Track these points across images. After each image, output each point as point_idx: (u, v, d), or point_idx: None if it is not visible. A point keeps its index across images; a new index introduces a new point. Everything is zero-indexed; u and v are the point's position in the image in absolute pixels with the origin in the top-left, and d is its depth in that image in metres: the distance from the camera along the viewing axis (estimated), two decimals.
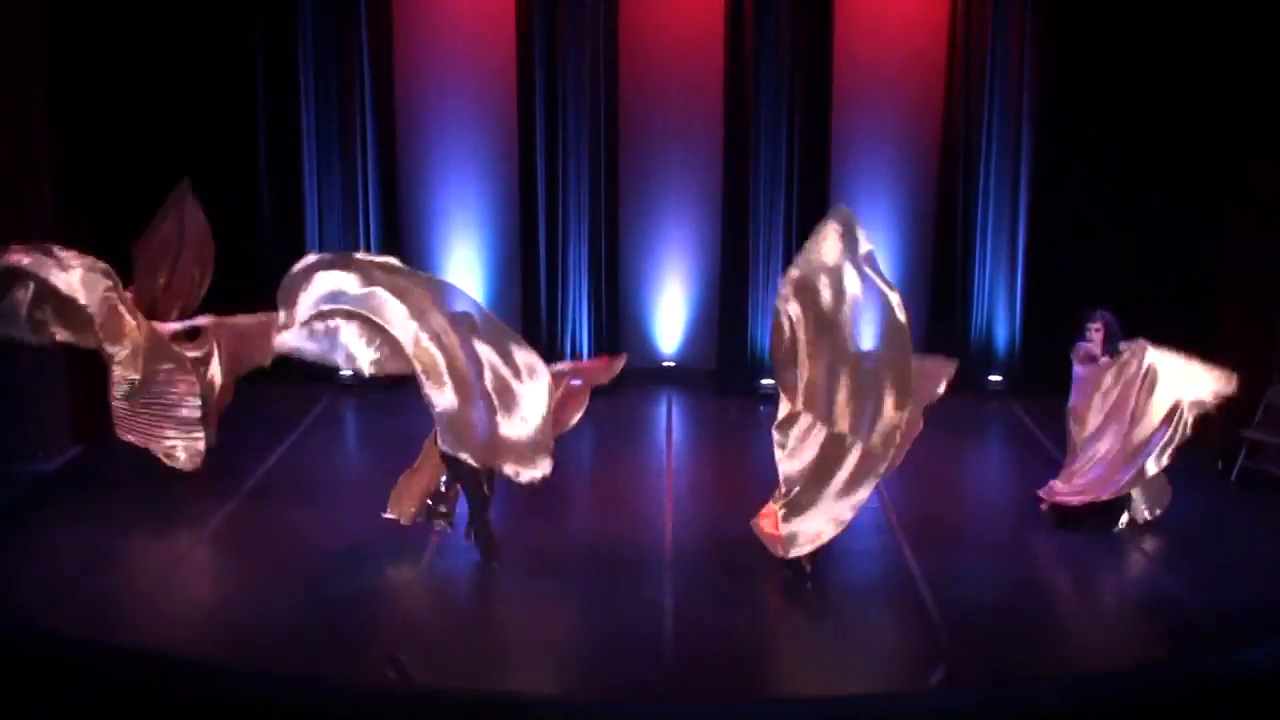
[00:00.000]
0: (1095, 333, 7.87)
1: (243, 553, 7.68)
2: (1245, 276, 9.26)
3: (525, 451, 6.88)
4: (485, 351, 6.86)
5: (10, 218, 8.83)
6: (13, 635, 6.36)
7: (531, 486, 6.97)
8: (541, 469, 6.91)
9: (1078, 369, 7.91)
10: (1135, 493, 7.87)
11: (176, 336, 8.48)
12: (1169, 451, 7.69)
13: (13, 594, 6.89)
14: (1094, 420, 7.82)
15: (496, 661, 6.53)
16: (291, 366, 9.77)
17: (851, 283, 6.66)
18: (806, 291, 6.64)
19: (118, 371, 8.21)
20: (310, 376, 10.14)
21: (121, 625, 6.50)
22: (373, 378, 9.41)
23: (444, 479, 7.35)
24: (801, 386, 6.68)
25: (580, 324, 11.13)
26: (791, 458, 6.82)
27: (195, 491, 8.41)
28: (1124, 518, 7.89)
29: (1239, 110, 9.30)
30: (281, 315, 6.92)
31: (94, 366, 8.50)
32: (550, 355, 11.09)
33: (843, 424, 6.61)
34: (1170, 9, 9.96)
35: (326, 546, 7.66)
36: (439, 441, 6.97)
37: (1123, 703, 6.05)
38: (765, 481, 7.42)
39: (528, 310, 11.19)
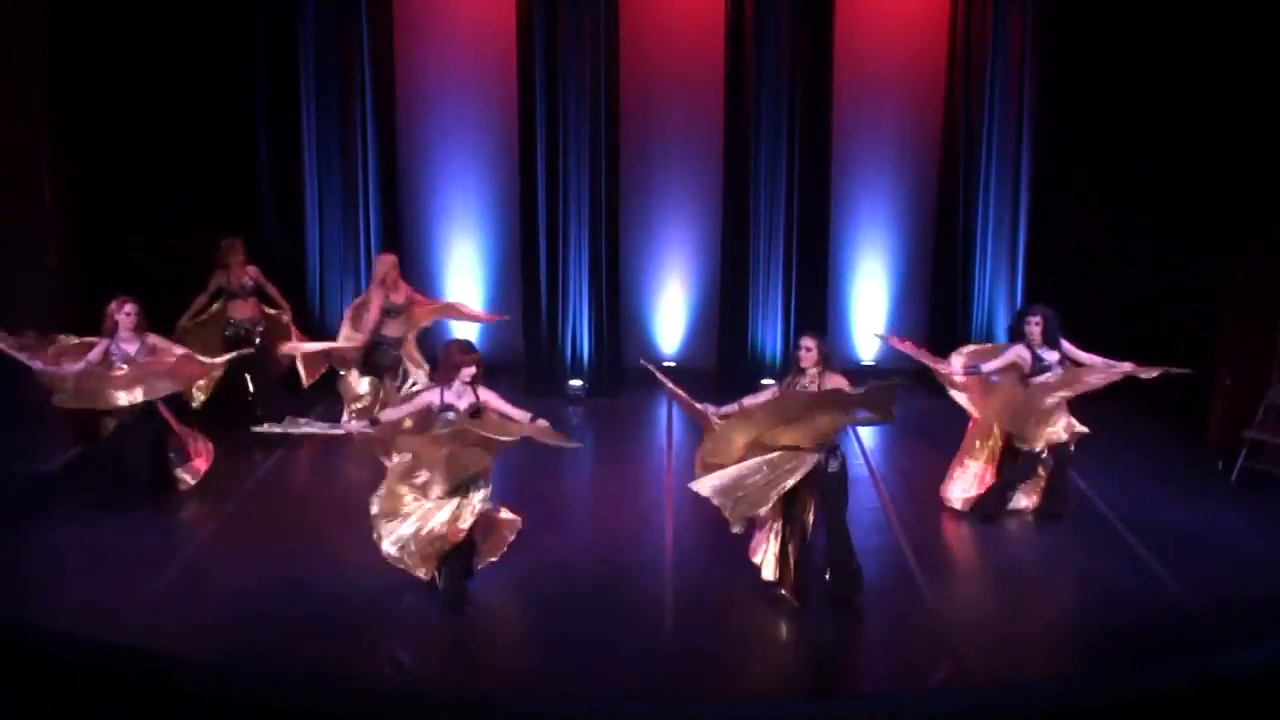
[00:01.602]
0: (1035, 326, 8.06)
1: (243, 553, 7.68)
2: (1245, 276, 9.26)
3: None
4: None
5: (10, 217, 8.84)
6: (13, 635, 6.36)
7: None
8: None
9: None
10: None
11: None
12: None
13: (12, 594, 6.89)
14: None
15: (496, 661, 6.53)
16: (290, 368, 9.86)
17: None
18: None
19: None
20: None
21: (121, 625, 6.49)
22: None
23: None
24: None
25: (580, 324, 11.13)
26: None
27: (195, 491, 8.42)
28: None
29: (1238, 110, 9.29)
30: None
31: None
32: (551, 355, 11.15)
33: None
34: (1169, 10, 9.96)
35: (327, 546, 7.66)
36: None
37: (1123, 702, 6.05)
38: None
39: (528, 310, 11.19)
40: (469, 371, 6.82)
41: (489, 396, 6.90)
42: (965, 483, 8.36)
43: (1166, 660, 6.44)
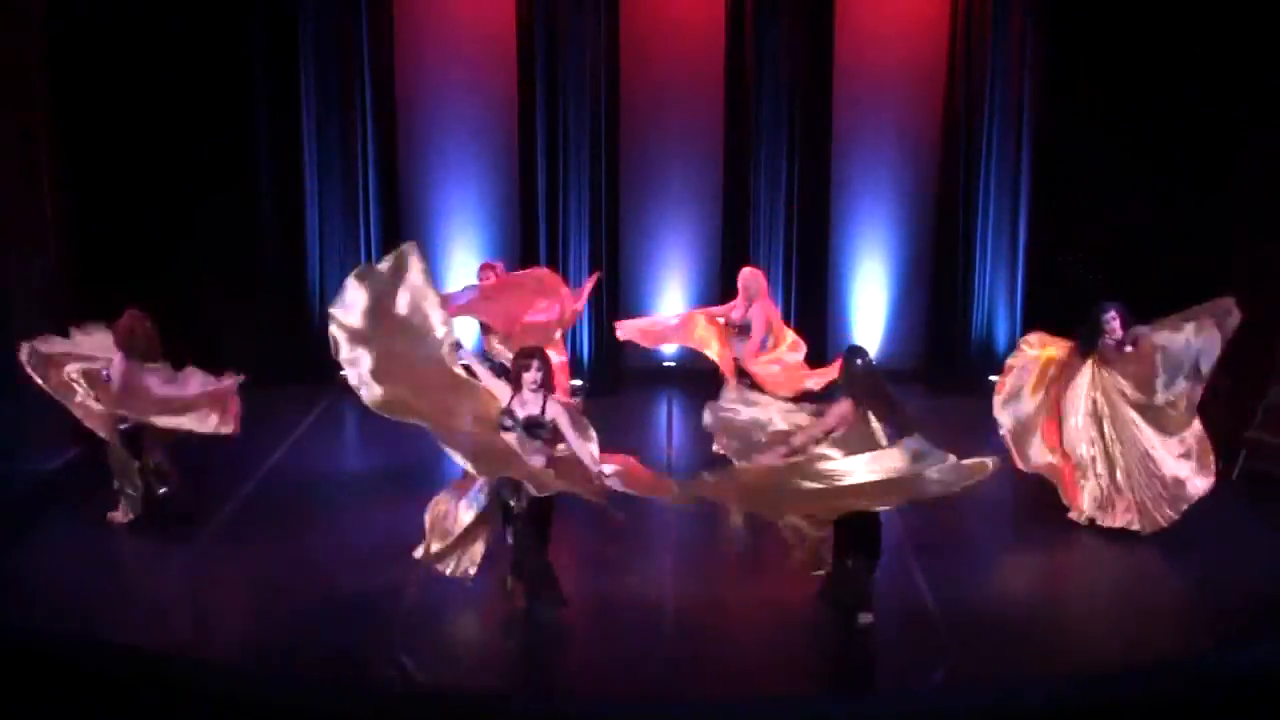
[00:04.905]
0: (1113, 321, 8.03)
1: (243, 553, 7.68)
2: (1245, 276, 9.26)
3: None
4: None
5: (10, 218, 8.84)
6: (13, 635, 6.37)
7: None
8: None
9: None
10: None
11: None
12: None
13: (13, 594, 6.89)
14: None
15: (496, 661, 6.53)
16: (289, 367, 9.87)
17: None
18: None
19: None
20: (310, 377, 10.21)
21: (121, 625, 6.50)
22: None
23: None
24: None
25: (580, 324, 11.12)
26: None
27: (195, 491, 8.41)
28: None
29: (1239, 108, 9.30)
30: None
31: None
32: None
33: None
34: (1169, 9, 9.97)
35: (327, 546, 7.66)
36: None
37: (1123, 702, 6.05)
38: None
39: None
40: (528, 377, 6.51)
41: (558, 415, 6.51)
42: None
43: (1167, 660, 6.44)
